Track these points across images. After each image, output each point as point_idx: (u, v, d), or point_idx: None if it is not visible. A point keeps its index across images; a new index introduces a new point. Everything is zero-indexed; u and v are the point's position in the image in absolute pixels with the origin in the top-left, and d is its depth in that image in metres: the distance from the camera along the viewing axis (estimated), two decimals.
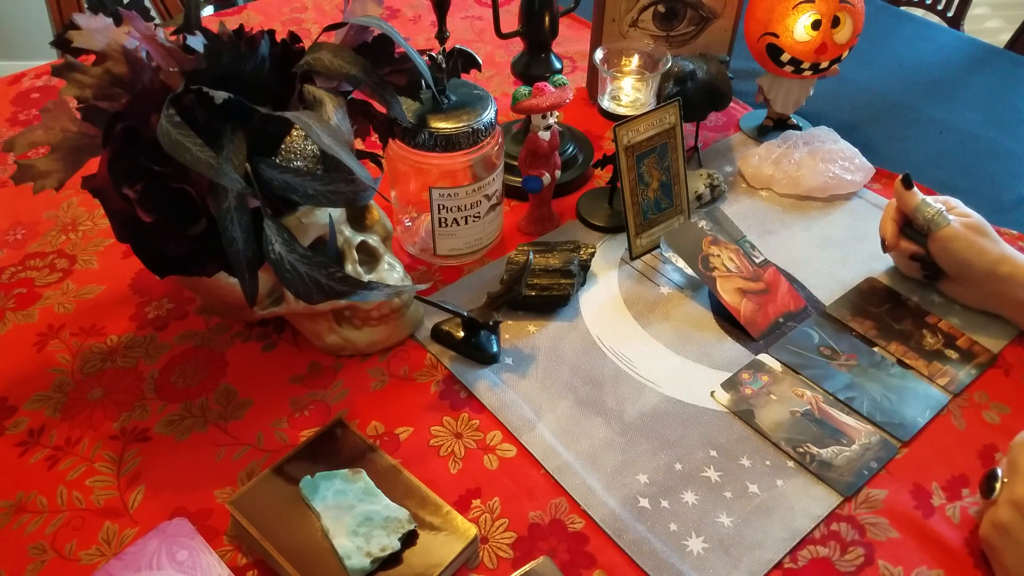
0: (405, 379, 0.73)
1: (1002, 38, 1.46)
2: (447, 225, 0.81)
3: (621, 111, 0.85)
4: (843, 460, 0.66)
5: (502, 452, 0.67)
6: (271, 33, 0.65)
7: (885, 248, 0.81)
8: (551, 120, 0.80)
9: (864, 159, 0.95)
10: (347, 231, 0.72)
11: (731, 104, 0.99)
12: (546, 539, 0.62)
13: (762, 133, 1.03)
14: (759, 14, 0.91)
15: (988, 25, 2.75)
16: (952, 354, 0.75)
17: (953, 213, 0.76)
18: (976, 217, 0.76)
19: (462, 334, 0.75)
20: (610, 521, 0.62)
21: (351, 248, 0.71)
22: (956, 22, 1.54)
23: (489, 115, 0.77)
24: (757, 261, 0.82)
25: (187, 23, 0.65)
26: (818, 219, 0.91)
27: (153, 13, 1.49)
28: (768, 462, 0.66)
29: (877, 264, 0.84)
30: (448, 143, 0.75)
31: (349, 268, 0.70)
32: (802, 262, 0.85)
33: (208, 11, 1.55)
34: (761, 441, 0.68)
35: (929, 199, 0.77)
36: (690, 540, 0.61)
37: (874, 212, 0.91)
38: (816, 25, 0.89)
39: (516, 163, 0.86)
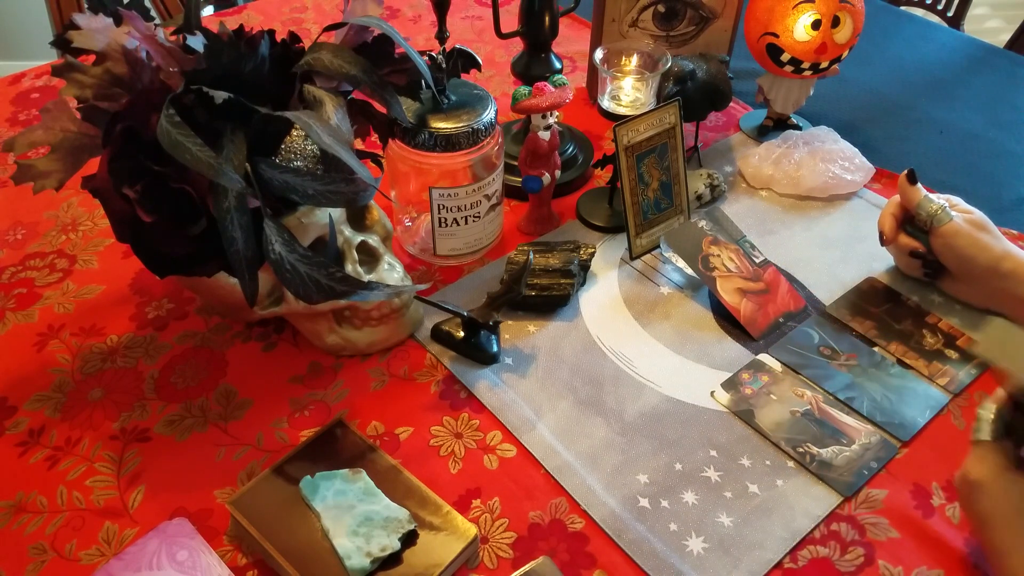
0: (405, 379, 0.73)
1: (1002, 38, 1.46)
2: (447, 225, 0.81)
3: (621, 111, 0.85)
4: (843, 460, 0.66)
5: (502, 452, 0.67)
6: (271, 33, 0.65)
7: (883, 242, 0.81)
8: (551, 120, 0.80)
9: (864, 159, 0.95)
10: (347, 231, 0.72)
11: (731, 104, 0.99)
12: (546, 539, 0.62)
13: (762, 133, 1.03)
14: (759, 14, 0.92)
15: (988, 25, 2.75)
16: (952, 354, 0.75)
17: (955, 210, 0.76)
18: (978, 214, 0.76)
19: (462, 334, 0.75)
20: (610, 521, 0.62)
21: (351, 248, 0.71)
22: (956, 22, 1.54)
23: (489, 115, 0.77)
24: (757, 261, 0.82)
25: (187, 23, 0.65)
26: (818, 219, 0.91)
27: (153, 13, 1.49)
28: (768, 462, 0.66)
29: (877, 264, 0.84)
30: (448, 143, 0.75)
31: (349, 268, 0.70)
32: (802, 262, 0.85)
33: (208, 11, 1.55)
34: (761, 441, 0.68)
35: (932, 196, 0.77)
36: (690, 540, 0.61)
37: (874, 212, 0.91)
38: (816, 25, 0.89)
39: (516, 163, 0.86)
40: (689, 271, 0.82)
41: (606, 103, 0.85)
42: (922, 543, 0.61)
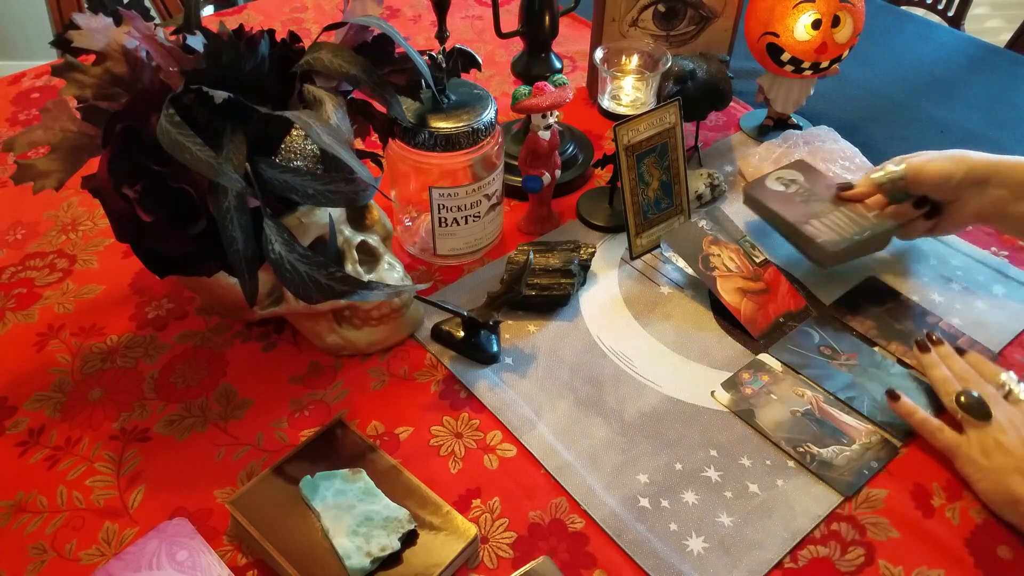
0: (405, 379, 0.73)
1: (1002, 38, 1.46)
2: (447, 225, 0.81)
3: (621, 111, 0.85)
4: (843, 460, 0.66)
5: (502, 452, 0.67)
6: (271, 33, 0.65)
7: (844, 192, 0.83)
8: (551, 120, 0.80)
9: (864, 159, 0.95)
10: (347, 231, 0.72)
11: (731, 104, 0.99)
12: (546, 539, 0.62)
13: (762, 133, 1.03)
14: (759, 13, 0.91)
15: (988, 25, 2.75)
16: None
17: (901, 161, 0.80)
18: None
19: (462, 334, 0.75)
20: (610, 521, 0.62)
21: (351, 248, 0.71)
22: (956, 22, 1.54)
23: (489, 115, 0.77)
24: (757, 261, 0.82)
25: (187, 23, 0.65)
26: None
27: (153, 13, 1.49)
28: (768, 462, 0.66)
29: (877, 264, 0.84)
30: (448, 143, 0.75)
31: (349, 268, 0.70)
32: (802, 262, 0.85)
33: (208, 11, 1.55)
34: (761, 441, 0.68)
35: (878, 172, 0.81)
36: (690, 540, 0.61)
37: None
38: (816, 24, 0.89)
39: (516, 163, 0.86)
40: (689, 271, 0.82)
41: (606, 103, 0.85)
42: (922, 543, 0.61)
